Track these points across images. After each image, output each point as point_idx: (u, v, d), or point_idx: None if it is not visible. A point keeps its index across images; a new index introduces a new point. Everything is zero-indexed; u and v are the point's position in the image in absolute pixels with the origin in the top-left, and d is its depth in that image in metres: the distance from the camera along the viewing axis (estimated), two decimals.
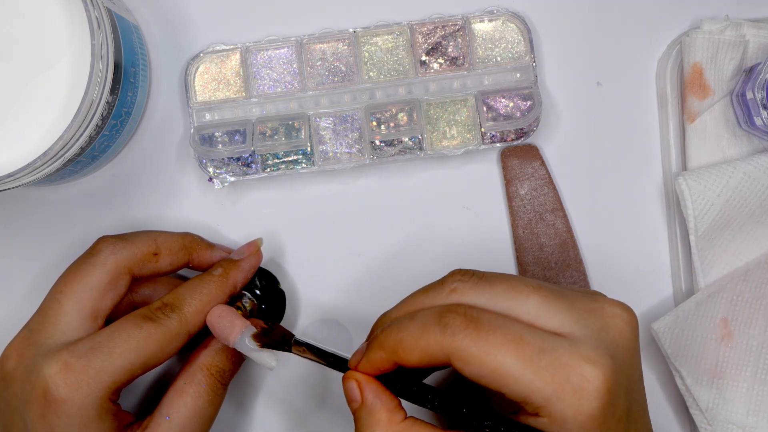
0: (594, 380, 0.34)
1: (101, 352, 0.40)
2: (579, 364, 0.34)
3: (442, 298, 0.38)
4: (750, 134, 0.48)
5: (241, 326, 0.42)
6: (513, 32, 0.49)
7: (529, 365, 0.34)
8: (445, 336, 0.35)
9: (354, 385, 0.38)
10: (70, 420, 0.39)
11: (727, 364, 0.46)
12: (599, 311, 0.37)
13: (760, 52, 0.48)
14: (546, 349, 0.34)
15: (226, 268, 0.45)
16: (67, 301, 0.42)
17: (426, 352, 0.36)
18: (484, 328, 0.35)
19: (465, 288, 0.37)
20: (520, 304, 0.36)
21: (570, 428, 0.34)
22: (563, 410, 0.34)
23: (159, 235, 0.45)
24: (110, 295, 0.43)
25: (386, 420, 0.37)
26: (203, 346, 0.44)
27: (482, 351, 0.34)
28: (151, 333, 0.41)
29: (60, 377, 0.39)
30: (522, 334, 0.35)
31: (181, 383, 0.42)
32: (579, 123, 0.50)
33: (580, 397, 0.34)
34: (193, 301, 0.42)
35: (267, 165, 0.49)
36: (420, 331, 0.36)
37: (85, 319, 0.42)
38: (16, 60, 0.41)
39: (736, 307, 0.46)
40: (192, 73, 0.49)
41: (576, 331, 0.35)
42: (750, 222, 0.47)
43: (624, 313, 0.37)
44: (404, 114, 0.48)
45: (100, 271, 0.42)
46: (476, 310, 0.36)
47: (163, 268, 0.44)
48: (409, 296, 0.39)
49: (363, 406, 0.38)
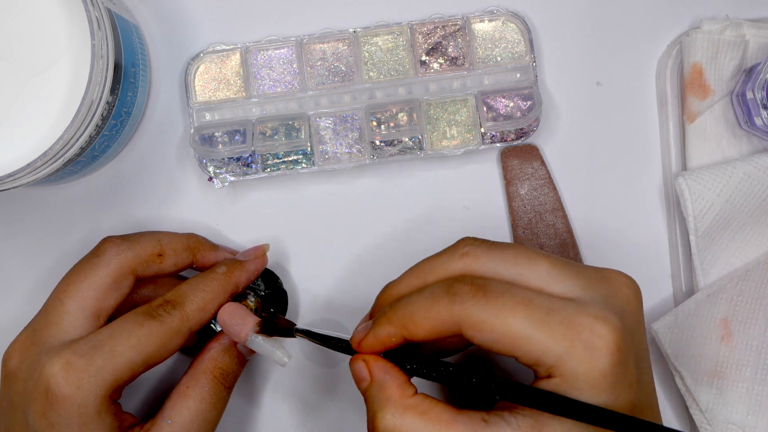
0: (605, 336, 0.34)
1: (102, 350, 0.40)
2: (589, 322, 0.34)
3: (454, 261, 0.38)
4: (750, 134, 0.48)
5: (253, 323, 0.42)
6: (513, 32, 0.49)
7: (540, 325, 0.34)
8: (455, 304, 0.35)
9: (361, 365, 0.38)
10: (70, 418, 0.39)
11: (727, 365, 0.46)
12: (606, 279, 0.37)
13: (760, 52, 0.48)
14: (556, 310, 0.35)
15: (230, 267, 0.45)
16: (70, 300, 0.42)
17: (436, 323, 0.36)
18: (493, 294, 0.35)
19: (477, 252, 0.38)
20: (530, 270, 0.37)
21: (582, 386, 0.34)
22: (575, 368, 0.34)
23: (163, 236, 0.45)
24: (114, 295, 0.43)
25: (398, 395, 0.37)
26: (206, 350, 0.44)
27: (492, 316, 0.35)
28: (153, 330, 0.41)
29: (61, 375, 0.39)
30: (531, 298, 0.35)
31: (183, 386, 0.42)
32: (579, 123, 0.50)
33: (591, 354, 0.34)
34: (195, 298, 0.43)
35: (267, 165, 0.49)
36: (429, 302, 0.36)
37: (87, 319, 0.42)
38: (16, 60, 0.41)
39: (736, 307, 0.46)
40: (192, 73, 0.49)
41: (584, 296, 0.36)
42: (750, 222, 0.47)
43: (630, 282, 0.38)
44: (404, 114, 0.48)
45: (104, 271, 0.42)
46: (484, 279, 0.36)
47: (166, 269, 0.45)
48: (418, 263, 0.39)
49: (372, 383, 0.37)
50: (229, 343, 0.44)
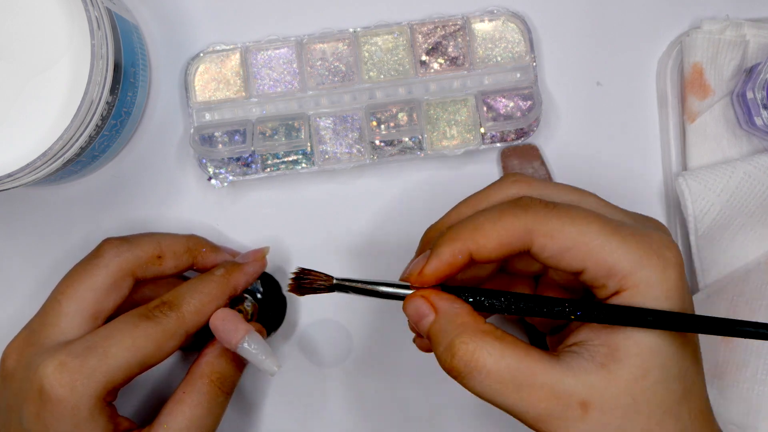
0: (673, 249, 0.34)
1: (96, 351, 0.40)
2: (658, 235, 0.35)
3: (507, 187, 0.38)
4: (750, 134, 0.48)
5: (245, 330, 0.42)
6: (513, 32, 0.49)
7: (614, 233, 0.34)
8: (528, 214, 0.35)
9: (421, 302, 0.36)
10: (63, 419, 0.39)
11: (727, 365, 0.46)
12: (648, 219, 0.38)
13: (760, 52, 0.47)
14: (626, 223, 0.35)
15: (228, 269, 0.45)
16: (68, 302, 0.42)
17: (507, 232, 0.35)
18: (564, 207, 0.35)
19: (529, 180, 0.38)
20: (583, 200, 0.37)
21: (657, 295, 0.34)
22: (650, 276, 0.33)
23: (163, 237, 0.45)
24: (113, 297, 0.42)
25: (472, 321, 0.34)
26: (203, 354, 0.44)
27: (567, 223, 0.34)
28: (148, 332, 0.41)
29: (55, 376, 0.39)
30: (599, 213, 0.35)
31: (180, 392, 0.42)
32: (579, 123, 0.50)
33: (665, 264, 0.34)
34: (192, 300, 0.42)
35: (267, 165, 0.49)
36: (498, 214, 0.35)
37: (85, 320, 0.42)
38: (15, 60, 0.41)
39: (736, 307, 0.46)
40: (192, 73, 0.49)
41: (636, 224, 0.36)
42: (750, 222, 0.47)
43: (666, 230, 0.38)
44: (404, 114, 0.48)
45: (104, 273, 0.42)
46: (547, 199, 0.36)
47: (166, 271, 0.44)
48: (465, 198, 0.39)
49: (440, 316, 0.35)
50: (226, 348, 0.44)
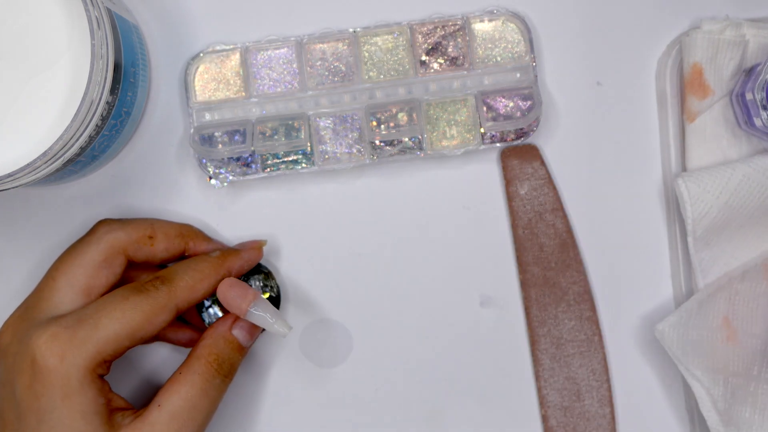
0: None
1: (87, 323, 0.40)
2: None
3: None
4: (749, 134, 0.48)
5: (253, 295, 0.43)
6: (513, 32, 0.49)
7: None
8: None
9: None
10: (53, 389, 0.39)
11: (733, 363, 0.46)
12: None
13: (760, 52, 0.47)
14: None
15: (224, 252, 0.46)
16: (61, 277, 0.43)
17: None
18: None
19: None
20: None
21: None
22: None
23: (157, 220, 0.47)
24: (104, 273, 0.43)
25: None
26: (202, 337, 0.44)
27: None
28: (138, 304, 0.41)
29: (46, 347, 0.39)
30: None
31: (176, 373, 0.43)
32: (579, 123, 0.50)
33: None
34: (185, 276, 0.43)
35: (267, 165, 0.49)
36: None
37: (77, 295, 0.42)
38: (15, 60, 0.41)
39: (734, 306, 0.46)
40: (192, 73, 0.49)
41: None
42: (748, 224, 0.47)
43: None
44: (404, 114, 0.48)
45: (94, 248, 0.43)
46: None
47: (158, 253, 0.45)
48: None
49: None
50: (225, 330, 0.44)
